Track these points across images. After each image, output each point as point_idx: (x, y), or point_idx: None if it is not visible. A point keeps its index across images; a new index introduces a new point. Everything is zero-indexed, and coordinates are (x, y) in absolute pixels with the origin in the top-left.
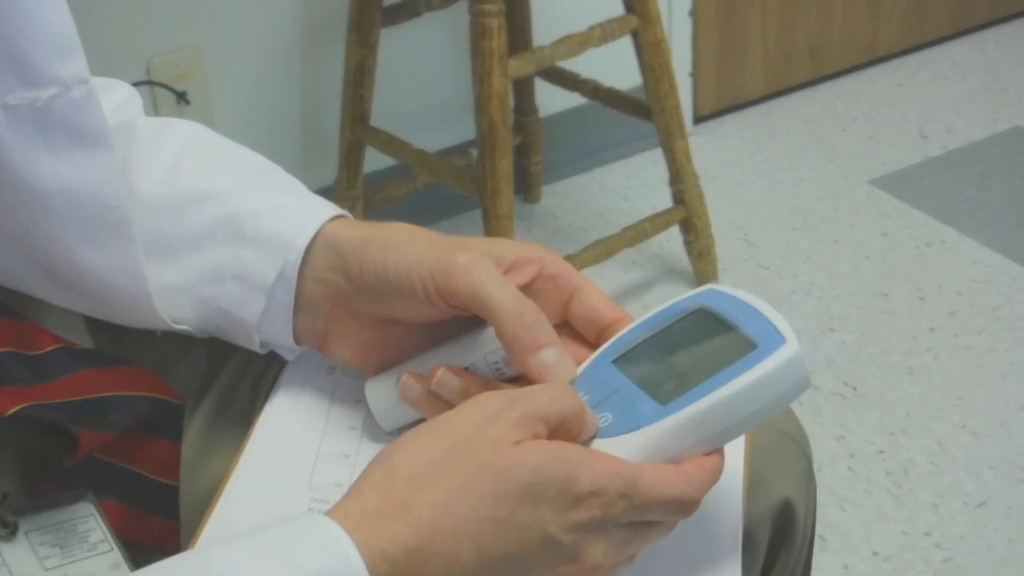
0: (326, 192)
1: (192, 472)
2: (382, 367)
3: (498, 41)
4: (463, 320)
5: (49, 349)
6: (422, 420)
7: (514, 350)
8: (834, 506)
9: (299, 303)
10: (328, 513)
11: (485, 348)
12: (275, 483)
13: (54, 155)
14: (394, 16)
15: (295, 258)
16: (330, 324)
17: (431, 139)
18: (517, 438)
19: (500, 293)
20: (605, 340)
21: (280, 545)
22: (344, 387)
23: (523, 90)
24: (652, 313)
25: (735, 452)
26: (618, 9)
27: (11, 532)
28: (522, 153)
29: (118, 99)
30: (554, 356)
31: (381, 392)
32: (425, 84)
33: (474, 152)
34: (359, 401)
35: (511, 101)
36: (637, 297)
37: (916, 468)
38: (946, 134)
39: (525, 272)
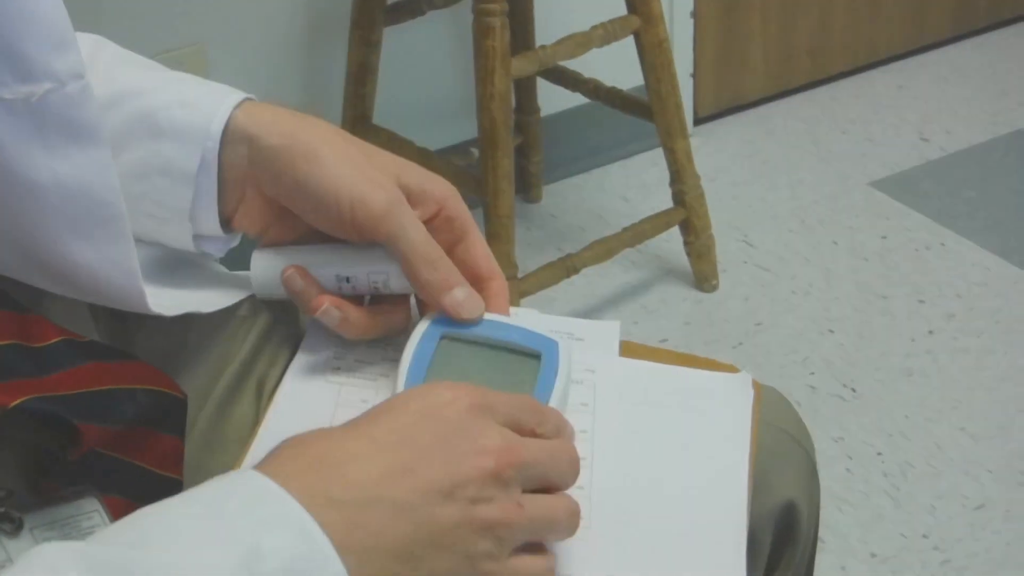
0: None
1: (196, 469)
2: (274, 243)
3: (500, 40)
4: None
5: (52, 342)
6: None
7: (427, 291)
8: (832, 507)
9: (220, 187)
10: (259, 467)
11: (371, 266)
12: None
13: (48, 150)
14: (396, 15)
15: (213, 144)
16: (246, 200)
17: (432, 138)
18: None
19: (416, 238)
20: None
21: (216, 501)
22: (349, 390)
23: (525, 90)
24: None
25: (740, 453)
26: (620, 9)
27: (16, 528)
28: (522, 152)
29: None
30: (463, 294)
31: (264, 265)
32: (427, 83)
33: (475, 151)
34: (364, 401)
35: (513, 100)
36: (636, 298)
37: (914, 470)
38: (946, 137)
39: (427, 208)
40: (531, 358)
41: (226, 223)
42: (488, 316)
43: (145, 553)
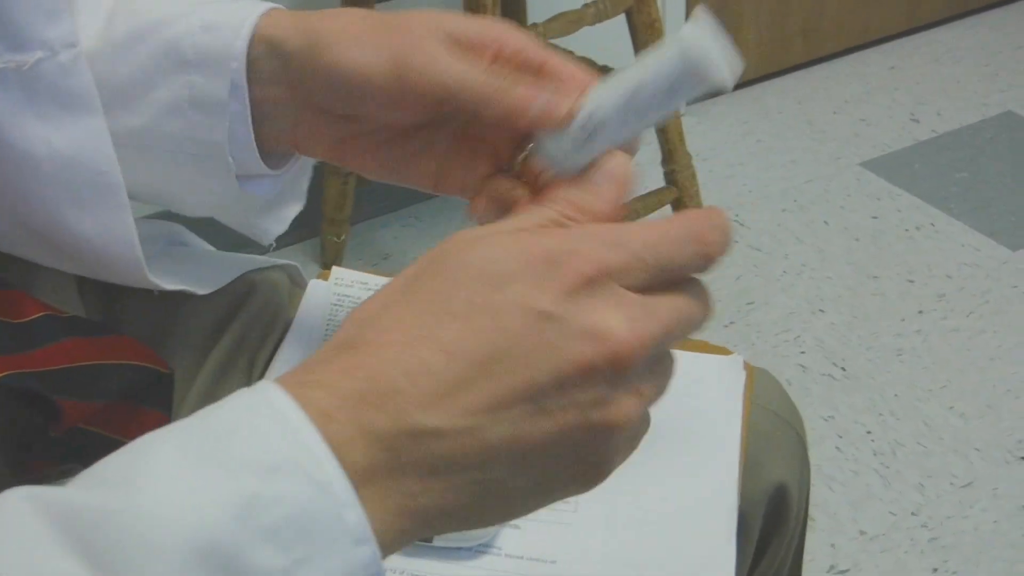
0: (317, 172)
1: None
2: (359, 160)
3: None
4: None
5: (33, 317)
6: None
7: (511, 115)
8: (822, 486)
9: (257, 113)
10: (290, 390)
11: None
12: None
13: (42, 120)
14: None
15: (239, 64)
16: (298, 127)
17: None
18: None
19: (475, 69)
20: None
21: (221, 435)
22: None
23: None
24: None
25: (731, 435)
26: None
27: None
28: None
29: None
30: (546, 98)
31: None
32: None
33: None
34: None
35: None
36: None
37: (904, 449)
38: (937, 118)
39: (485, 52)
40: None
41: (275, 155)
42: None
43: (126, 500)
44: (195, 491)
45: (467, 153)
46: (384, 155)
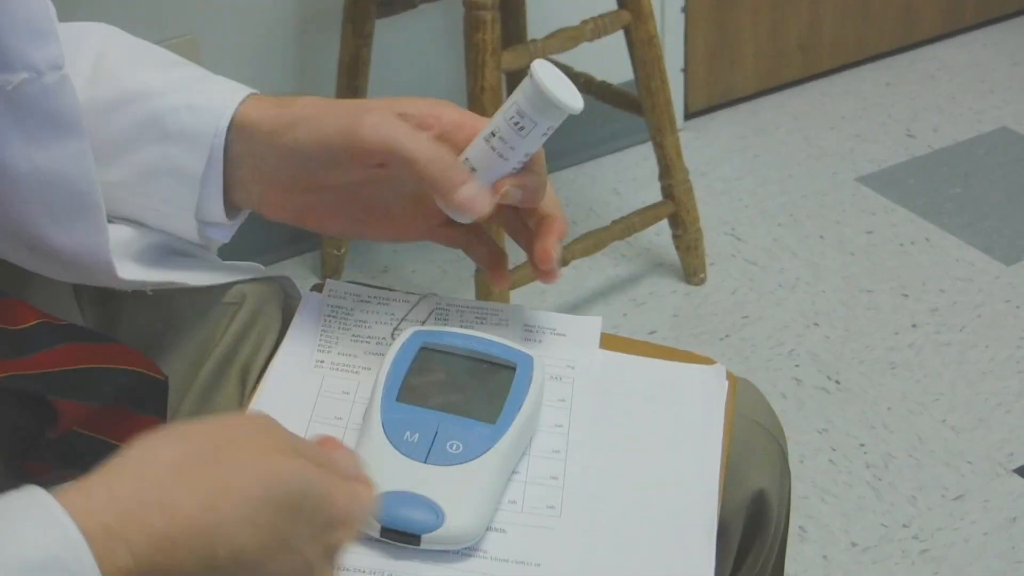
0: None
1: None
2: (321, 224)
3: (492, 34)
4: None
5: (30, 324)
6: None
7: (437, 190)
8: (815, 498)
9: (229, 183)
10: (66, 494)
11: (503, 112)
12: None
13: (26, 138)
14: (389, 8)
15: (219, 141)
16: (264, 197)
17: None
18: (283, 451)
19: (413, 143)
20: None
21: None
22: (331, 382)
23: (516, 84)
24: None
25: (713, 444)
26: (611, 4)
27: None
28: None
29: None
30: (473, 190)
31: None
32: (419, 76)
33: None
34: (345, 393)
35: (504, 94)
36: (625, 291)
37: (896, 462)
38: (932, 134)
39: (428, 129)
40: (507, 369)
41: (233, 210)
42: (467, 331)
43: None
44: None
45: (423, 206)
46: (343, 217)
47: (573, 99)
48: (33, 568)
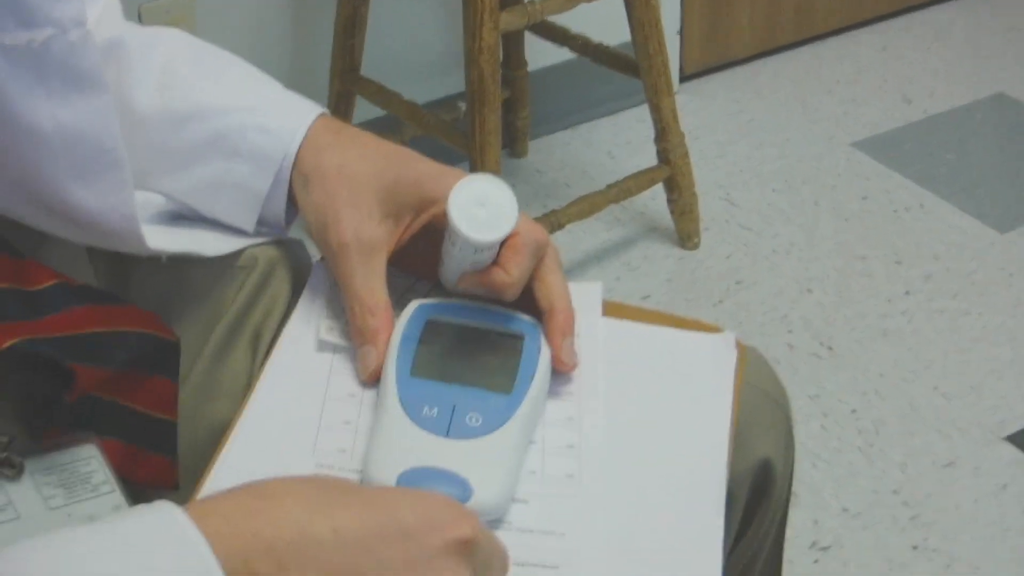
0: None
1: (191, 417)
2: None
3: None
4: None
5: (46, 285)
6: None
7: (352, 337)
8: (806, 463)
9: (290, 196)
10: (190, 508)
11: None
12: (277, 449)
13: (50, 96)
14: None
15: (285, 174)
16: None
17: (420, 91)
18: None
19: (358, 283)
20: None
21: (131, 541)
22: (342, 359)
23: (512, 45)
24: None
25: (722, 413)
26: None
27: (18, 472)
28: (509, 107)
29: (98, 11)
30: (370, 355)
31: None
32: (416, 36)
33: (462, 105)
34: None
35: (500, 55)
36: (619, 255)
37: (887, 428)
38: (928, 99)
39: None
40: (514, 338)
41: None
42: (470, 303)
43: None
44: None
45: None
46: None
47: (488, 229)
48: None
